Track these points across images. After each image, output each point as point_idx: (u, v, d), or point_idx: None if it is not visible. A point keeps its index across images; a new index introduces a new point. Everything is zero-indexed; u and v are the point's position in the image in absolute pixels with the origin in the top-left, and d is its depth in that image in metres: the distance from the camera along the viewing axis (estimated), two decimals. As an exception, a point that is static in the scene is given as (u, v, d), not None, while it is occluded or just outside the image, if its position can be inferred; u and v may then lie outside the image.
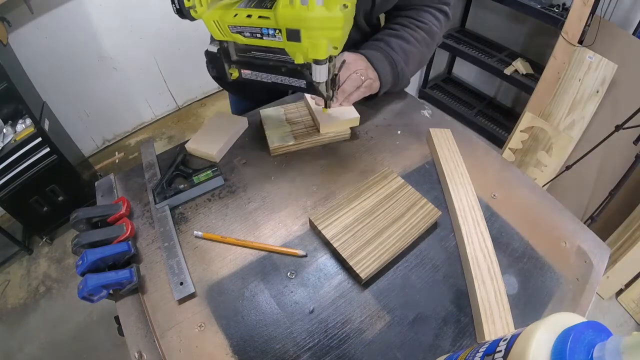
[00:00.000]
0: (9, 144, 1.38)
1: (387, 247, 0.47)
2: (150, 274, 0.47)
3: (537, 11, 1.54)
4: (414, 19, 0.70)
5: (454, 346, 0.41)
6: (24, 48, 1.52)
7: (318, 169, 0.60)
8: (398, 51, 0.66)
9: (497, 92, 2.26)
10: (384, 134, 0.66)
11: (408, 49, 0.68)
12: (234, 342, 0.41)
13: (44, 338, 1.36)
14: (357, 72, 0.61)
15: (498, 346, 0.26)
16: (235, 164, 0.60)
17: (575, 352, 0.20)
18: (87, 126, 1.93)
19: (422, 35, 0.69)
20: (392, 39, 0.68)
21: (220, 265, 0.48)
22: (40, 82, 1.61)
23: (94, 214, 0.49)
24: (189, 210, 0.54)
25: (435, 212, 0.51)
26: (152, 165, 0.59)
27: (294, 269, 0.47)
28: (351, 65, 0.61)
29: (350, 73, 0.61)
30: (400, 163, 0.61)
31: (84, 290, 0.40)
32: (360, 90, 0.62)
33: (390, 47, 0.67)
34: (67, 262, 1.59)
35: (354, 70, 0.61)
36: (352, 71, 0.61)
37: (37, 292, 1.50)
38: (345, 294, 0.45)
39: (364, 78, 0.62)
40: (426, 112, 0.71)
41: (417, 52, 0.69)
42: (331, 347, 0.41)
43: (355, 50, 0.66)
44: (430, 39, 0.70)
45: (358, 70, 0.62)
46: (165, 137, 2.15)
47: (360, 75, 0.62)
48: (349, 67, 0.61)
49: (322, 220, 0.49)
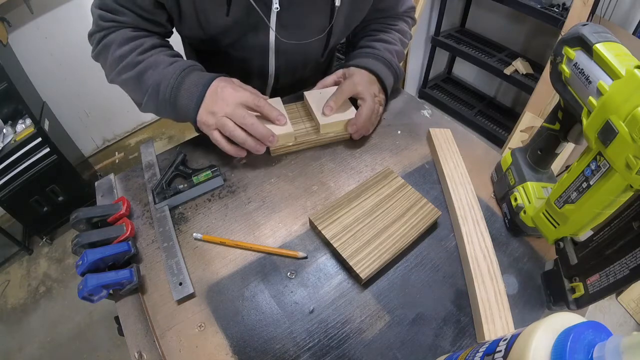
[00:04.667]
0: (9, 144, 1.38)
1: (387, 247, 0.47)
2: (150, 274, 0.47)
3: (537, 11, 1.54)
4: (386, 24, 0.74)
5: (454, 346, 0.41)
6: (24, 48, 1.52)
7: (318, 169, 0.60)
8: (384, 51, 0.68)
9: (497, 92, 2.26)
10: (384, 134, 0.66)
11: (391, 48, 0.70)
12: (234, 342, 0.41)
13: (44, 338, 1.36)
14: (375, 98, 0.63)
15: (498, 346, 0.26)
16: (235, 164, 0.60)
17: (575, 352, 0.20)
18: (87, 126, 1.93)
19: (398, 35, 0.73)
20: (375, 43, 0.69)
21: (220, 265, 0.48)
22: (40, 82, 1.61)
23: (94, 214, 0.49)
24: (189, 210, 0.54)
25: (435, 212, 0.51)
26: (152, 165, 0.59)
27: (294, 269, 0.47)
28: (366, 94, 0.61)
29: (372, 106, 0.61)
30: (400, 163, 0.61)
31: (84, 290, 0.40)
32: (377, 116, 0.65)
33: (378, 50, 0.68)
34: (67, 262, 1.59)
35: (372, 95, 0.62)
36: (371, 99, 0.61)
37: (37, 292, 1.50)
38: (345, 294, 0.45)
39: (378, 102, 0.64)
40: (426, 112, 0.71)
41: (399, 50, 0.71)
42: (331, 347, 0.41)
43: (347, 63, 0.67)
44: (403, 37, 0.74)
45: (374, 94, 0.63)
46: (165, 137, 2.15)
47: (377, 104, 0.63)
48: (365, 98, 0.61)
49: (322, 220, 0.49)
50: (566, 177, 0.40)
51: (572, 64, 0.38)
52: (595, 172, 0.36)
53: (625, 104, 0.31)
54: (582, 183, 0.38)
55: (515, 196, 0.50)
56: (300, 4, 0.59)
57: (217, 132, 0.54)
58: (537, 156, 0.51)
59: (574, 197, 0.39)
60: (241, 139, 0.53)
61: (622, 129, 0.31)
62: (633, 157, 0.31)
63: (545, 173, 0.52)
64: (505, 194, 0.53)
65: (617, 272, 0.34)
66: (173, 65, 0.56)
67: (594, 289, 0.37)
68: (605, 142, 0.33)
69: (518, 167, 0.52)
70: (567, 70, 0.39)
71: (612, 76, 0.34)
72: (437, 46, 2.09)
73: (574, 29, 0.38)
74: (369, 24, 0.74)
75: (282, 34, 0.61)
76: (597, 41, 0.35)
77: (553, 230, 0.43)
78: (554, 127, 0.46)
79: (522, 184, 0.50)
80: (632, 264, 0.32)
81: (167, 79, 0.54)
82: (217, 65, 0.67)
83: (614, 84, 0.33)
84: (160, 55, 0.57)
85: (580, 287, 0.38)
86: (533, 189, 0.49)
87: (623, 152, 0.32)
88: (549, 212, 0.44)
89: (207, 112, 0.53)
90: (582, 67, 0.37)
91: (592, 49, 0.35)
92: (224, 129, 0.53)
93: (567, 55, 0.39)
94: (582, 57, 0.37)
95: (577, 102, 0.39)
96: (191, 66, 0.57)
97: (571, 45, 0.39)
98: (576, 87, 0.39)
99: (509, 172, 0.53)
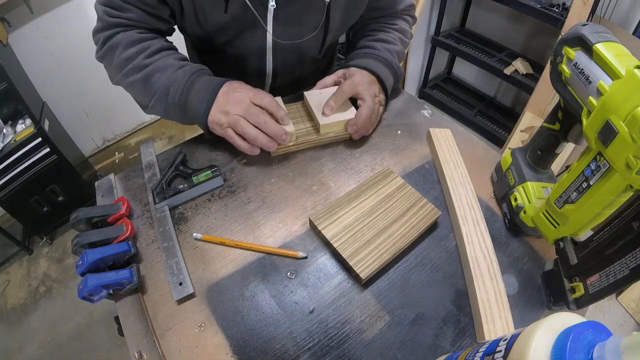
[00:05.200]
0: (9, 144, 1.38)
1: (387, 247, 0.47)
2: (150, 274, 0.47)
3: (537, 11, 1.54)
4: (385, 23, 0.74)
5: (454, 346, 0.41)
6: (24, 48, 1.52)
7: (318, 169, 0.60)
8: (384, 51, 0.68)
9: (497, 92, 2.26)
10: (384, 134, 0.66)
11: (392, 48, 0.70)
12: (234, 342, 0.41)
13: (44, 338, 1.36)
14: (375, 98, 0.63)
15: (498, 346, 0.26)
16: (235, 164, 0.60)
17: (575, 352, 0.20)
18: (87, 126, 1.93)
19: (398, 35, 0.73)
20: (375, 44, 0.69)
21: (220, 265, 0.48)
22: (40, 82, 1.61)
23: (94, 214, 0.49)
24: (189, 210, 0.54)
25: (435, 212, 0.51)
26: (151, 166, 0.59)
27: (294, 269, 0.47)
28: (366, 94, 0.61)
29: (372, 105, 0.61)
30: (400, 163, 0.61)
31: (84, 290, 0.40)
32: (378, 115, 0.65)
33: (377, 50, 0.68)
34: (67, 262, 1.59)
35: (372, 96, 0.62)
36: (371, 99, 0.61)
37: (37, 292, 1.50)
38: (345, 294, 0.45)
39: (378, 102, 0.64)
40: (426, 112, 0.71)
41: (399, 50, 0.71)
42: (331, 347, 0.41)
43: (347, 63, 0.67)
44: (404, 37, 0.74)
45: (374, 94, 0.63)
46: (165, 137, 2.15)
47: (377, 104, 0.63)
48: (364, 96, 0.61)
49: (322, 220, 0.49)
50: (566, 177, 0.40)
51: (572, 64, 0.38)
52: (595, 172, 0.36)
53: (625, 104, 0.31)
54: (582, 183, 0.38)
55: (515, 196, 0.50)
56: (296, 2, 0.59)
57: (230, 129, 0.55)
58: (537, 156, 0.51)
59: (574, 197, 0.39)
60: (253, 136, 0.54)
61: (622, 129, 0.31)
62: (633, 157, 0.31)
63: (545, 173, 0.52)
64: (505, 194, 0.53)
65: (617, 272, 0.34)
66: (182, 69, 0.56)
67: (594, 289, 0.37)
68: (605, 142, 0.33)
69: (518, 167, 0.52)
70: (567, 70, 0.39)
71: (612, 76, 0.34)
72: (437, 46, 2.09)
73: (574, 29, 0.38)
74: (368, 23, 0.75)
75: (278, 32, 0.62)
76: (597, 41, 0.35)
77: (553, 230, 0.43)
78: (554, 127, 0.46)
79: (522, 184, 0.50)
80: (632, 264, 0.32)
81: (176, 82, 0.55)
82: (215, 63, 0.67)
83: (614, 84, 0.33)
84: (169, 59, 0.57)
85: (580, 287, 0.38)
86: (533, 189, 0.49)
87: (623, 152, 0.32)
88: (549, 212, 0.44)
89: (220, 112, 0.55)
90: (582, 67, 0.37)
91: (592, 49, 0.35)
92: (236, 126, 0.54)
93: (567, 55, 0.39)
94: (582, 57, 0.37)
95: (577, 102, 0.39)
96: (200, 70, 0.58)
97: (571, 45, 0.39)
98: (576, 87, 0.39)
99: (509, 172, 0.53)
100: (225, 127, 0.55)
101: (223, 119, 0.55)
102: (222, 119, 0.55)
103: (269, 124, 0.54)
